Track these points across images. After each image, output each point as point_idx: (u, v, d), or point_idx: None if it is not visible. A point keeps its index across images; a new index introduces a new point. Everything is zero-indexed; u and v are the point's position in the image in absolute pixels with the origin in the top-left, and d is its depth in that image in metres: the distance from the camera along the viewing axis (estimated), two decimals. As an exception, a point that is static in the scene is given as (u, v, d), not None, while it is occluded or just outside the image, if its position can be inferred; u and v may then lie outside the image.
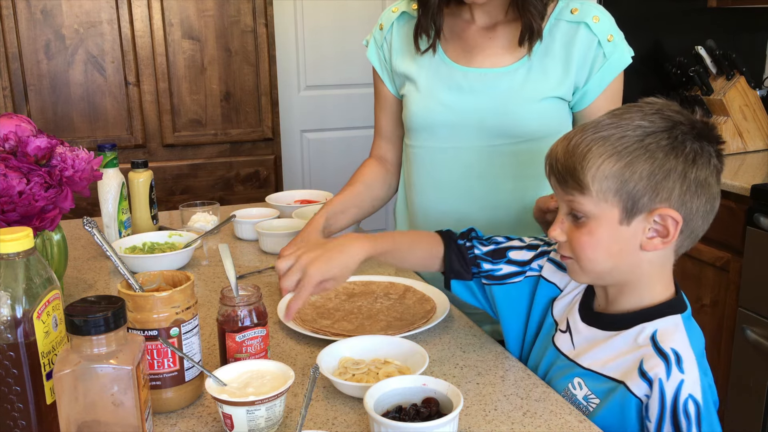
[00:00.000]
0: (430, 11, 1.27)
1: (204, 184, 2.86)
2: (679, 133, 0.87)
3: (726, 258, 2.17)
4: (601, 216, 0.89)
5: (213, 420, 0.91)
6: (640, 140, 0.86)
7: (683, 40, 2.61)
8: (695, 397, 0.85)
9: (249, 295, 0.98)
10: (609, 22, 1.25)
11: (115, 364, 0.73)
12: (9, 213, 1.04)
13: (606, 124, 0.89)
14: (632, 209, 0.87)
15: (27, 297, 0.79)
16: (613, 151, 0.86)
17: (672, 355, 0.87)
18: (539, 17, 1.21)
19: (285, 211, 1.77)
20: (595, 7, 1.25)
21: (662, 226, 0.88)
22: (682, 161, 0.86)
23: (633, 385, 0.88)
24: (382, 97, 1.45)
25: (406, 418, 0.82)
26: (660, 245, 0.89)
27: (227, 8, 2.73)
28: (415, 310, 1.20)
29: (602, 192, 0.87)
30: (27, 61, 2.56)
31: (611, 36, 1.24)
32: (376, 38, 1.41)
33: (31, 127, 1.15)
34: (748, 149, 2.56)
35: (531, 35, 1.22)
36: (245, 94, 2.83)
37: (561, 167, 0.91)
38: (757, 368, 2.10)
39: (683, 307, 0.93)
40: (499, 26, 1.29)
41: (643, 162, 0.85)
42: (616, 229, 0.89)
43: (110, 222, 1.57)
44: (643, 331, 0.91)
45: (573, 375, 0.96)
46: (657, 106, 0.90)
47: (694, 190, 0.87)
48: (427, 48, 1.31)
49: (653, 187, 0.86)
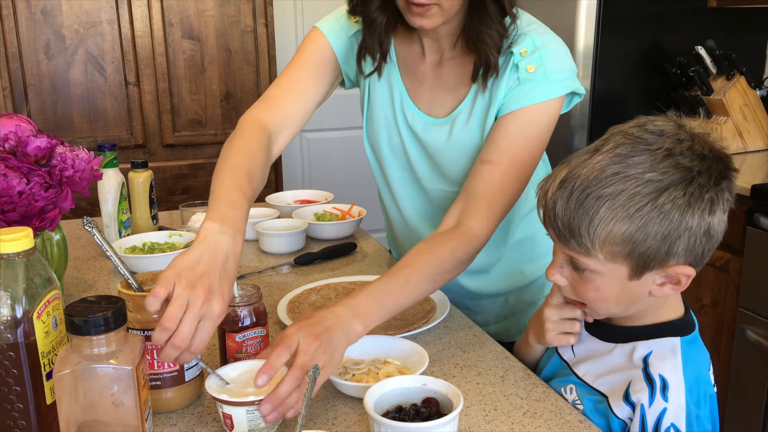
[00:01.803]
0: (377, 32, 1.16)
1: (204, 184, 2.86)
2: (697, 187, 0.79)
3: (726, 258, 2.17)
4: (609, 273, 0.84)
5: (213, 420, 0.91)
6: (653, 200, 0.78)
7: (683, 40, 2.61)
8: (678, 426, 0.83)
9: (249, 295, 0.98)
10: (538, 55, 1.10)
11: (115, 364, 0.73)
12: (9, 213, 1.04)
13: (612, 174, 0.80)
14: (643, 267, 0.83)
15: (27, 297, 0.79)
16: (624, 214, 0.79)
17: (659, 382, 0.84)
18: (495, 50, 1.10)
19: (285, 211, 1.77)
20: (531, 38, 1.11)
21: (674, 279, 0.84)
22: (698, 216, 0.80)
23: (616, 406, 0.88)
24: (321, 59, 1.22)
25: (406, 418, 0.82)
26: (670, 292, 0.85)
27: (227, 8, 2.73)
28: (415, 310, 1.20)
29: (611, 255, 0.82)
30: (27, 61, 2.56)
31: (531, 67, 1.10)
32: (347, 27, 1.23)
33: (31, 127, 1.15)
34: (748, 149, 2.56)
35: (486, 70, 1.12)
36: (245, 94, 2.83)
37: (561, 224, 0.84)
38: (757, 368, 2.10)
39: (687, 330, 0.90)
40: (447, 63, 1.20)
41: (657, 224, 0.79)
42: (624, 284, 0.85)
43: (110, 222, 1.57)
44: (639, 350, 0.89)
45: (567, 381, 0.97)
46: (666, 143, 0.81)
47: (707, 238, 0.82)
48: (371, 71, 1.22)
49: (667, 248, 0.80)
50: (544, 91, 1.10)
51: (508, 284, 1.35)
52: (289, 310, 1.20)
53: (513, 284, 1.35)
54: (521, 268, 1.34)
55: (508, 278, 1.35)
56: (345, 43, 1.24)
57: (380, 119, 1.28)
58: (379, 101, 1.27)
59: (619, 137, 0.83)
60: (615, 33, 2.55)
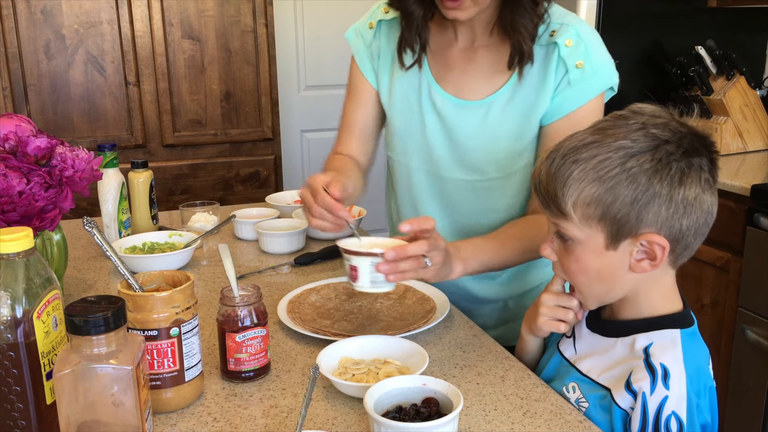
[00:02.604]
0: (414, 24, 1.20)
1: (204, 184, 2.86)
2: (664, 154, 0.83)
3: (726, 258, 2.17)
4: (586, 241, 0.88)
5: (213, 420, 0.91)
6: (622, 163, 0.83)
7: (683, 40, 2.61)
8: (679, 415, 0.84)
9: (249, 295, 0.98)
10: (583, 47, 1.14)
11: (115, 364, 0.73)
12: (9, 213, 1.04)
13: (588, 143, 0.85)
14: (617, 234, 0.85)
15: (27, 297, 0.79)
16: (594, 176, 0.84)
17: (660, 370, 0.85)
18: (530, 38, 1.13)
19: (285, 211, 1.77)
20: (574, 28, 1.15)
21: (649, 250, 0.86)
22: (668, 184, 0.83)
23: (618, 396, 0.88)
24: (362, 94, 1.36)
25: (406, 418, 0.82)
26: (649, 267, 0.87)
27: (227, 8, 2.73)
28: (415, 310, 1.20)
29: (585, 218, 0.86)
30: (27, 61, 2.56)
31: (581, 63, 1.13)
32: (364, 36, 1.34)
33: (31, 127, 1.15)
34: (748, 149, 2.56)
35: (521, 58, 1.14)
36: (245, 94, 2.83)
37: (544, 191, 0.89)
38: (757, 368, 2.10)
39: (687, 324, 0.91)
40: (480, 50, 1.23)
41: (625, 187, 0.83)
42: (602, 254, 0.87)
43: (110, 222, 1.57)
44: (639, 341, 0.90)
45: (569, 379, 0.97)
46: (643, 119, 0.86)
47: (683, 211, 0.84)
48: (412, 63, 1.25)
49: (637, 213, 0.83)
50: (594, 86, 1.15)
51: (511, 290, 1.36)
52: (289, 310, 1.20)
53: (516, 289, 1.35)
54: (525, 274, 1.35)
55: (512, 284, 1.35)
56: (368, 57, 1.34)
57: (406, 109, 1.28)
58: (405, 92, 1.28)
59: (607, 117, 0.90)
60: (615, 33, 2.55)
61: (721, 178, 2.15)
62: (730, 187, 2.11)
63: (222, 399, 0.96)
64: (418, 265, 0.99)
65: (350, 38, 1.37)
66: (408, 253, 0.97)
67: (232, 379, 0.99)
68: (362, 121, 1.38)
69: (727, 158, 2.49)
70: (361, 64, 1.35)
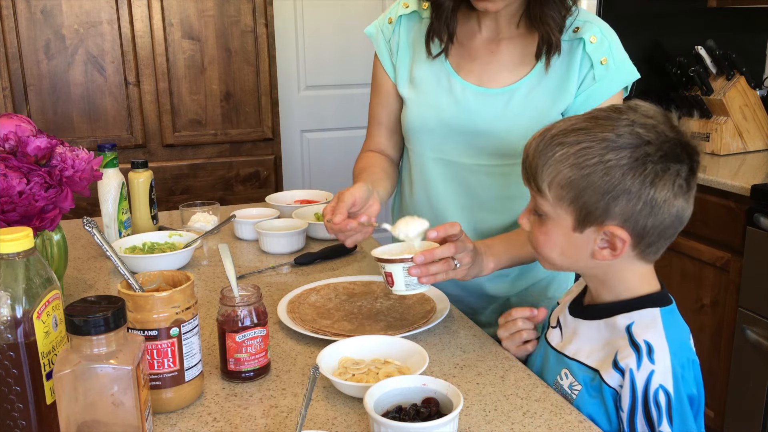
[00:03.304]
0: (444, 15, 1.24)
1: (204, 184, 2.86)
2: (642, 154, 0.86)
3: (726, 258, 2.17)
4: (557, 219, 0.92)
5: (213, 420, 0.91)
6: (601, 155, 0.86)
7: (683, 40, 2.61)
8: (666, 387, 0.87)
9: (249, 295, 0.98)
10: (607, 44, 1.20)
11: (115, 364, 0.73)
12: (9, 213, 1.04)
13: (578, 129, 0.89)
14: (584, 220, 0.90)
15: (27, 297, 0.79)
16: (573, 162, 0.87)
17: (644, 346, 0.89)
18: (558, 30, 1.18)
19: (285, 211, 1.77)
20: (597, 26, 1.22)
21: (611, 241, 0.90)
22: (639, 183, 0.86)
23: (607, 375, 0.91)
24: (383, 89, 1.40)
25: (406, 418, 0.82)
26: (609, 257, 0.91)
27: (227, 8, 2.73)
28: (415, 310, 1.20)
29: (558, 199, 0.90)
30: (27, 61, 2.56)
31: (605, 59, 1.20)
32: (384, 32, 1.37)
33: (31, 127, 1.15)
34: (748, 149, 2.56)
35: (549, 48, 1.19)
36: (245, 94, 2.83)
37: (528, 166, 0.94)
38: (757, 368, 2.10)
39: (666, 302, 0.95)
40: (504, 42, 1.26)
41: (599, 177, 0.86)
42: (569, 235, 0.92)
43: (110, 222, 1.57)
44: (621, 321, 0.93)
45: (561, 366, 1.00)
46: (634, 116, 0.89)
47: (649, 210, 0.87)
48: (439, 52, 1.28)
49: (605, 204, 0.87)
50: (617, 81, 1.20)
51: (518, 286, 1.37)
52: (289, 310, 1.20)
53: (522, 286, 1.37)
54: (531, 269, 1.36)
55: (521, 280, 1.37)
56: (387, 52, 1.37)
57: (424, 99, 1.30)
58: (423, 81, 1.30)
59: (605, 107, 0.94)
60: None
61: (721, 178, 2.16)
62: (730, 187, 2.11)
63: (222, 399, 0.96)
64: (448, 267, 1.06)
65: (371, 34, 1.40)
66: (436, 256, 1.04)
67: (232, 379, 0.99)
68: (387, 116, 1.42)
69: (727, 158, 2.49)
70: (382, 60, 1.38)
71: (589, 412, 0.93)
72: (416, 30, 1.33)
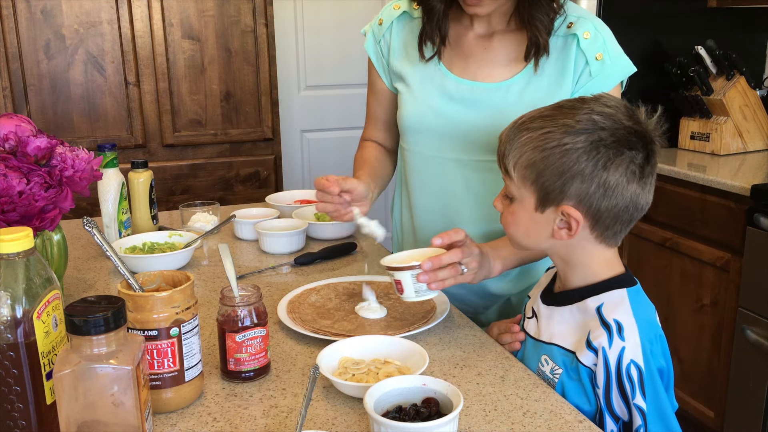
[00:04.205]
0: (435, 17, 1.25)
1: (204, 184, 2.86)
2: (596, 139, 0.92)
3: (726, 258, 2.17)
4: (522, 200, 0.99)
5: (213, 420, 0.91)
6: (560, 139, 0.92)
7: (683, 40, 2.61)
8: (637, 362, 0.92)
9: (249, 295, 0.98)
10: (601, 40, 1.20)
11: (115, 364, 0.73)
12: (9, 213, 1.04)
13: (544, 116, 0.96)
14: (544, 200, 0.96)
15: (27, 297, 0.79)
16: (535, 145, 0.94)
17: (614, 325, 0.94)
18: (545, 32, 1.18)
19: (285, 211, 1.77)
20: (590, 21, 1.21)
21: (567, 221, 0.96)
22: (592, 165, 0.91)
23: (582, 355, 0.96)
24: (377, 89, 1.43)
25: (406, 418, 0.82)
26: (566, 237, 0.97)
27: (227, 8, 2.73)
28: (415, 310, 1.20)
29: (522, 179, 0.97)
30: (27, 61, 2.56)
31: (600, 55, 1.20)
32: (375, 32, 1.39)
33: (31, 127, 1.15)
34: (748, 149, 2.56)
35: (537, 50, 1.20)
36: (245, 94, 2.83)
37: (499, 150, 1.01)
38: (757, 368, 2.10)
39: (631, 283, 1.00)
40: (497, 36, 1.26)
41: (557, 159, 0.92)
42: (532, 215, 0.98)
43: (110, 222, 1.57)
44: (591, 303, 0.98)
45: (540, 353, 1.04)
46: (594, 105, 0.95)
47: (602, 192, 0.93)
48: (432, 55, 1.29)
49: (561, 185, 0.93)
50: (614, 76, 1.21)
51: (519, 285, 1.37)
52: (289, 310, 1.20)
53: (521, 285, 1.37)
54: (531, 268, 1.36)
55: (521, 279, 1.37)
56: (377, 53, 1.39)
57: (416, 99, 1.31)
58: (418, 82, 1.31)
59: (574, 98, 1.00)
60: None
61: (721, 178, 2.16)
62: (730, 187, 2.11)
63: (222, 399, 0.96)
64: (456, 272, 1.09)
65: (365, 35, 1.42)
66: (444, 261, 1.07)
67: (232, 379, 0.99)
68: (384, 113, 1.45)
69: (727, 158, 2.49)
70: (373, 60, 1.41)
71: (570, 394, 0.98)
72: (408, 30, 1.34)
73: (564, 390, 0.99)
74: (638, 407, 0.91)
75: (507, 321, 1.17)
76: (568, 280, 1.04)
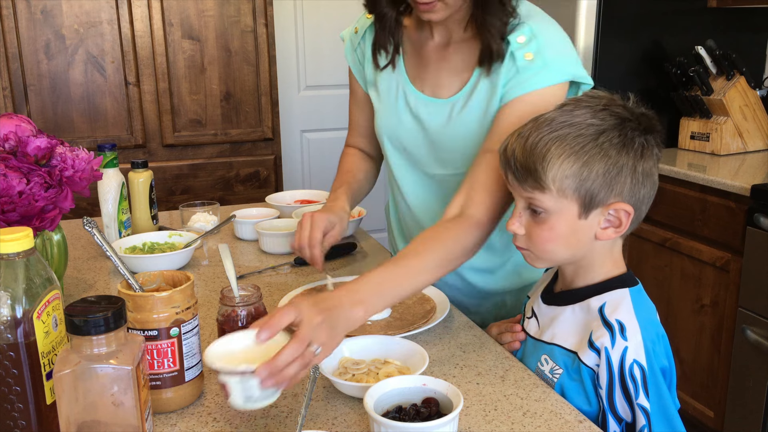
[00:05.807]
0: (387, 26, 1.23)
1: (204, 184, 2.86)
2: (629, 130, 0.93)
3: (726, 258, 2.17)
4: (561, 211, 0.95)
5: (213, 420, 0.91)
6: (594, 139, 0.91)
7: (683, 40, 2.61)
8: (640, 361, 0.92)
9: (249, 295, 0.98)
10: (535, 43, 1.12)
11: (115, 364, 0.73)
12: (9, 213, 1.04)
13: (561, 122, 0.93)
14: (590, 204, 0.94)
15: (27, 297, 0.79)
16: (570, 152, 0.91)
17: (616, 325, 0.93)
18: (498, 37, 1.13)
19: (285, 211, 1.77)
20: (529, 26, 1.14)
21: (616, 218, 0.95)
22: (632, 156, 0.92)
23: (584, 355, 0.96)
24: (357, 97, 1.44)
25: (406, 418, 0.82)
26: (613, 234, 0.96)
27: (227, 8, 2.73)
28: (415, 310, 1.20)
29: (562, 190, 0.93)
30: (27, 61, 2.56)
31: (530, 55, 1.12)
32: (352, 40, 1.38)
33: (31, 127, 1.15)
34: (748, 149, 2.56)
35: (491, 56, 1.15)
36: (245, 94, 2.83)
37: (520, 166, 0.95)
38: (757, 368, 2.10)
39: (632, 282, 1.00)
40: (453, 45, 1.24)
41: (598, 161, 0.91)
42: (574, 223, 0.95)
43: (110, 222, 1.57)
44: (593, 303, 0.98)
45: (540, 353, 1.03)
46: (604, 101, 0.95)
47: (642, 180, 0.94)
48: (386, 64, 1.28)
49: (608, 184, 0.92)
50: (543, 77, 1.12)
51: (511, 283, 1.37)
52: (289, 310, 1.20)
53: (515, 284, 1.36)
54: (524, 268, 1.35)
55: (512, 277, 1.36)
56: (355, 60, 1.38)
57: (385, 109, 1.32)
58: (384, 91, 1.31)
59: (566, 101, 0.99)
60: (615, 33, 2.55)
61: (721, 178, 2.16)
62: (730, 187, 2.11)
63: (222, 399, 0.96)
64: (305, 359, 0.85)
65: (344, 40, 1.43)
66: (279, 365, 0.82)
67: (232, 379, 0.99)
68: (363, 120, 1.46)
69: (727, 158, 2.49)
70: (352, 68, 1.42)
71: (570, 395, 0.97)
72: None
73: (563, 390, 0.98)
74: (642, 407, 0.91)
75: (507, 321, 1.17)
76: (573, 281, 1.03)
